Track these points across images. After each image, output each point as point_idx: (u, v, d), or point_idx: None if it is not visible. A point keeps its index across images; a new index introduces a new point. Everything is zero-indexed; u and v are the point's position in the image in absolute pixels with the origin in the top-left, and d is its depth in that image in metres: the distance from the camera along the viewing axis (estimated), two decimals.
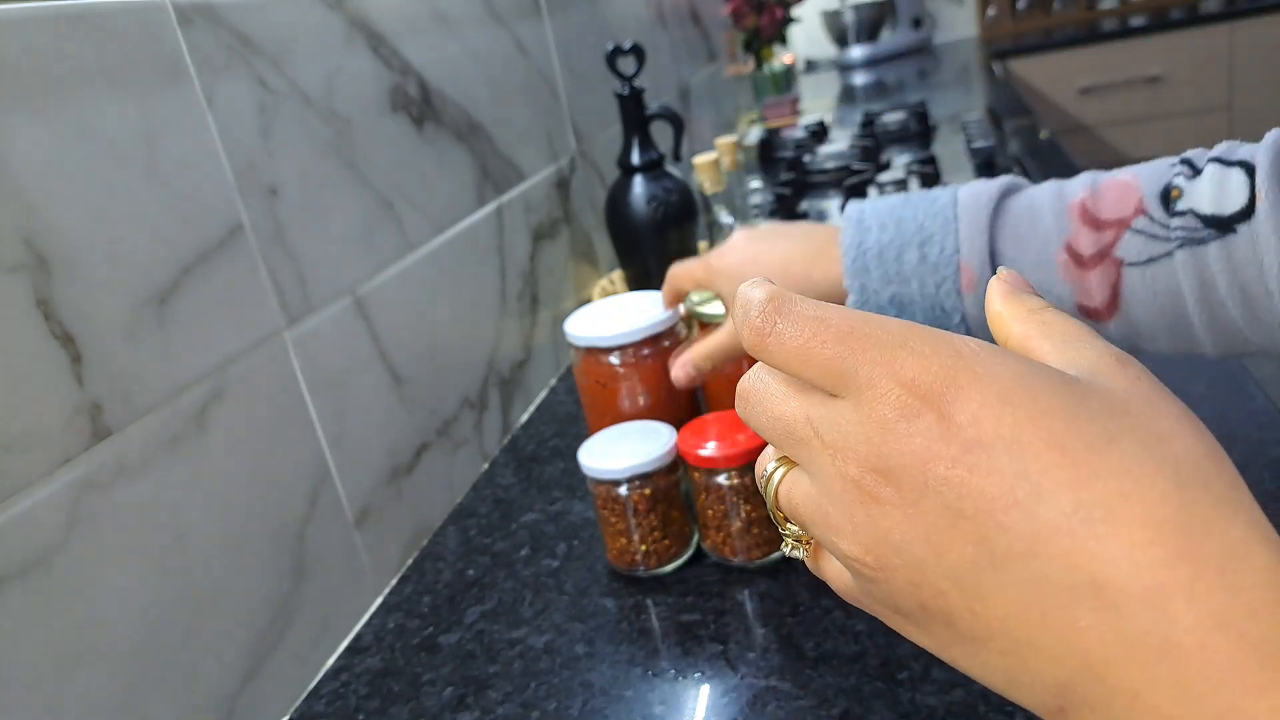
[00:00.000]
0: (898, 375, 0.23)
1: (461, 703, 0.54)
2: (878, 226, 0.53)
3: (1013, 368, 0.23)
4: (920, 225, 0.52)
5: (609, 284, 1.09)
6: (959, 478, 0.22)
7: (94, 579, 0.44)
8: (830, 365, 0.24)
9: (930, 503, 0.23)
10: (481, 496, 0.77)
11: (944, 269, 0.51)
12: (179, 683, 0.48)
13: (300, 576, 0.57)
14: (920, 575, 0.23)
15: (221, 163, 0.54)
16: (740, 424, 0.59)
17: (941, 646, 0.25)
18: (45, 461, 0.42)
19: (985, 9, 3.16)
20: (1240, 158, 0.45)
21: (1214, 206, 0.44)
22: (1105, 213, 0.48)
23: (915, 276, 0.51)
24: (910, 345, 0.24)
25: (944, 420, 0.23)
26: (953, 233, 0.51)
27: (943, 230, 0.51)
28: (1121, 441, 0.22)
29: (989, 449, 0.22)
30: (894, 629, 0.27)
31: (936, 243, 0.51)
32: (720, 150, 1.00)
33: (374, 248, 0.68)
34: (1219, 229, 0.44)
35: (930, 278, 0.51)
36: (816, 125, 1.88)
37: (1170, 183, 0.47)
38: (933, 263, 0.51)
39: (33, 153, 0.43)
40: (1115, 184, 0.48)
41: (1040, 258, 0.49)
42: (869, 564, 0.24)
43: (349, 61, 0.68)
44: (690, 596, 0.58)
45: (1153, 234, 0.46)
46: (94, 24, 0.47)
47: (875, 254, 0.52)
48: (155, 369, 0.48)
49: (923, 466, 0.23)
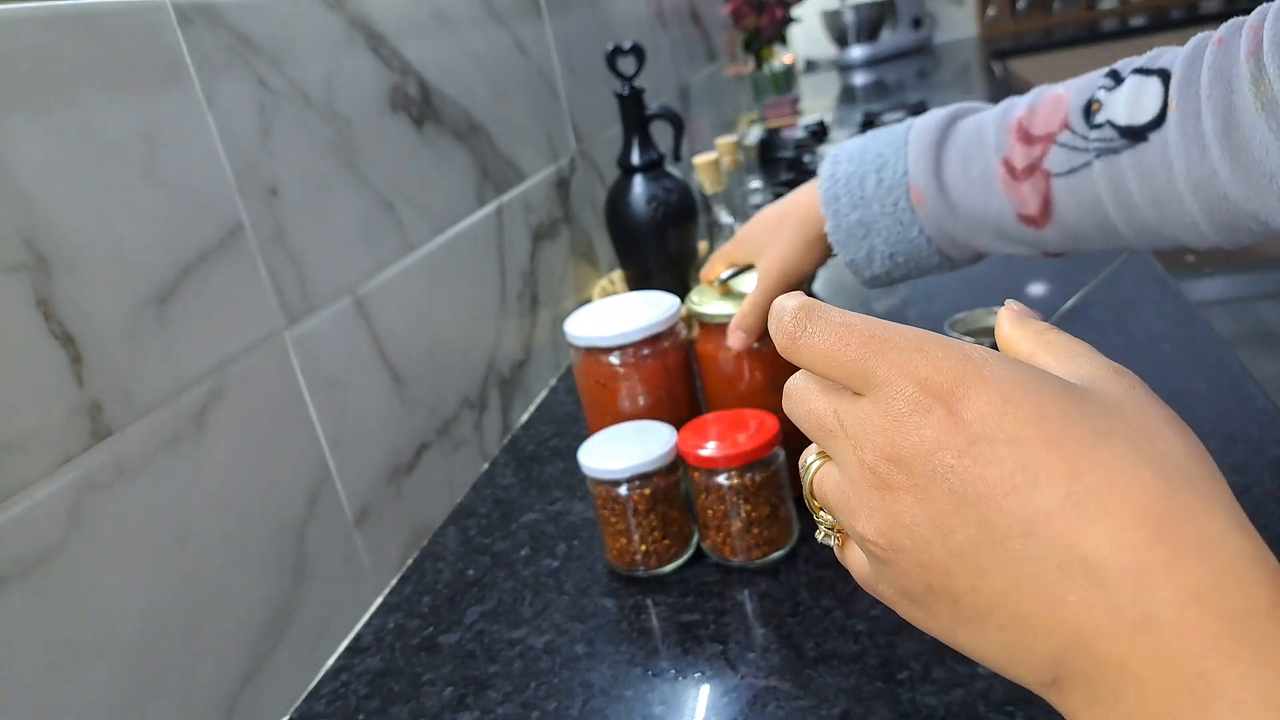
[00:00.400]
0: (913, 375, 0.26)
1: (461, 703, 0.54)
2: (846, 159, 0.60)
3: (1017, 372, 0.25)
4: (879, 154, 0.58)
5: (609, 284, 1.09)
6: (964, 466, 0.24)
7: (94, 579, 0.44)
8: (853, 366, 0.27)
9: (938, 488, 0.25)
10: (481, 496, 0.77)
11: (896, 190, 0.57)
12: (179, 683, 0.48)
13: (300, 576, 0.57)
14: (928, 555, 0.25)
15: (221, 163, 0.54)
16: (740, 424, 0.59)
17: (946, 628, 0.26)
18: (45, 461, 0.42)
19: (985, 9, 3.16)
20: (1161, 65, 0.47)
21: (1129, 117, 0.47)
22: (1037, 128, 0.52)
23: (875, 199, 0.58)
24: (925, 350, 0.26)
25: (952, 415, 0.25)
26: (903, 157, 0.57)
27: (895, 156, 0.57)
28: (1113, 439, 0.24)
29: (992, 442, 0.24)
30: (904, 617, 0.28)
31: (890, 167, 0.57)
32: (720, 150, 1.00)
33: (374, 248, 0.68)
34: (1132, 138, 0.47)
35: (887, 198, 0.57)
36: (816, 125, 1.88)
37: (1093, 96, 0.50)
38: (888, 185, 0.57)
39: (33, 153, 0.43)
40: (1049, 99, 0.52)
41: (983, 173, 0.54)
42: (882, 545, 0.26)
43: (349, 61, 0.68)
44: (690, 596, 0.58)
45: (1074, 146, 0.50)
46: (94, 24, 0.47)
47: (843, 183, 0.59)
48: (155, 369, 0.48)
49: (931, 455, 0.25)
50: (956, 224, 0.56)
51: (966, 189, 0.55)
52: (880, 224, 0.58)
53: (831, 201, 0.59)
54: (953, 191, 0.55)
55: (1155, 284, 0.86)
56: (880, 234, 0.58)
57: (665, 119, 0.99)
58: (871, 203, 0.58)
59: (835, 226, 0.59)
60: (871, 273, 0.60)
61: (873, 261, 0.59)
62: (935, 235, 0.57)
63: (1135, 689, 0.22)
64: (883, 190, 0.57)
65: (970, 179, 0.54)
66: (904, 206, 0.57)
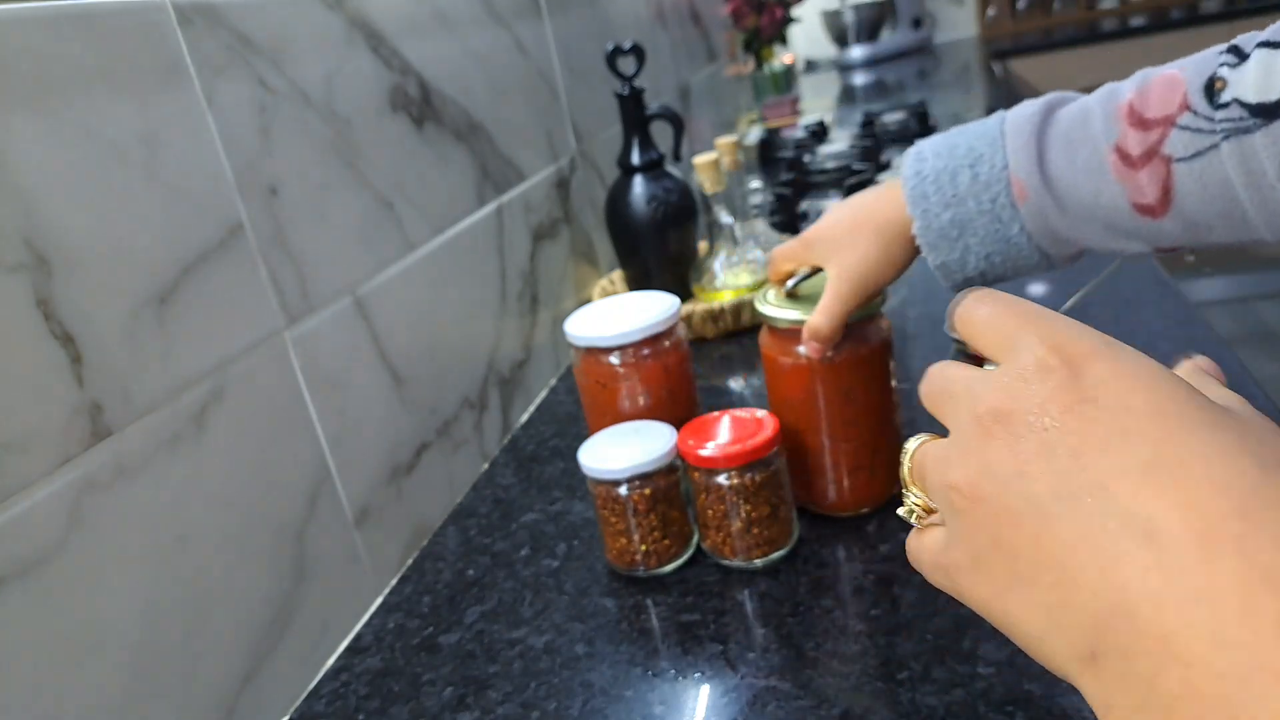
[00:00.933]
0: (1050, 339, 0.26)
1: (461, 703, 0.54)
2: (933, 155, 0.56)
3: (1151, 364, 0.25)
4: (970, 148, 0.55)
5: (609, 284, 1.09)
6: (1064, 421, 0.24)
7: (94, 579, 0.44)
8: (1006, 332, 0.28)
9: (1033, 439, 0.25)
10: (481, 496, 0.77)
11: (996, 184, 0.53)
12: (179, 683, 0.48)
13: (300, 576, 0.57)
14: (1004, 502, 0.25)
15: (221, 163, 0.54)
16: (740, 424, 0.59)
17: (998, 592, 0.26)
18: (45, 461, 0.42)
19: (985, 9, 3.16)
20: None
21: (1259, 94, 0.44)
22: (1151, 111, 0.48)
23: (970, 196, 0.54)
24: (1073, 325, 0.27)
25: (1074, 377, 0.25)
26: (1000, 149, 0.53)
27: (991, 149, 0.54)
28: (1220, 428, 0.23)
29: (1100, 405, 0.24)
30: (958, 589, 0.28)
31: (986, 161, 0.54)
32: (720, 150, 1.00)
33: (374, 248, 0.68)
34: (1264, 116, 0.44)
35: (984, 194, 0.54)
36: (816, 125, 1.88)
37: (1215, 74, 0.46)
38: (984, 180, 0.54)
39: (33, 153, 0.43)
40: (1162, 80, 0.49)
41: (1091, 160, 0.50)
42: (965, 494, 0.26)
43: (349, 61, 0.68)
44: (690, 596, 0.58)
45: (1198, 128, 0.47)
46: (94, 24, 0.47)
47: (932, 180, 0.55)
48: (155, 369, 0.48)
49: (1039, 409, 0.25)
50: (1062, 218, 0.52)
51: (1074, 180, 0.51)
52: (976, 222, 0.54)
53: (920, 200, 0.55)
54: (1059, 183, 0.52)
55: (1155, 284, 0.86)
56: (976, 233, 0.55)
57: (665, 119, 0.99)
58: (966, 200, 0.54)
59: (925, 227, 0.55)
60: (964, 275, 0.57)
61: (966, 263, 0.56)
62: (1037, 232, 0.54)
63: (1179, 668, 0.20)
64: (979, 186, 0.54)
65: (1078, 169, 0.51)
66: (1003, 202, 0.53)
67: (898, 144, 1.70)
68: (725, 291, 1.00)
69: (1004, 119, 0.55)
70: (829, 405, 0.60)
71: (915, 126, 1.73)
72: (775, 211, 1.31)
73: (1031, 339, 0.26)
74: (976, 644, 0.49)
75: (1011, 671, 0.47)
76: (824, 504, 0.63)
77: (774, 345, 0.62)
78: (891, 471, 0.62)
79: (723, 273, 1.01)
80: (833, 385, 0.59)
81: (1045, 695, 0.45)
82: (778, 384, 0.62)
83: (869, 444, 0.61)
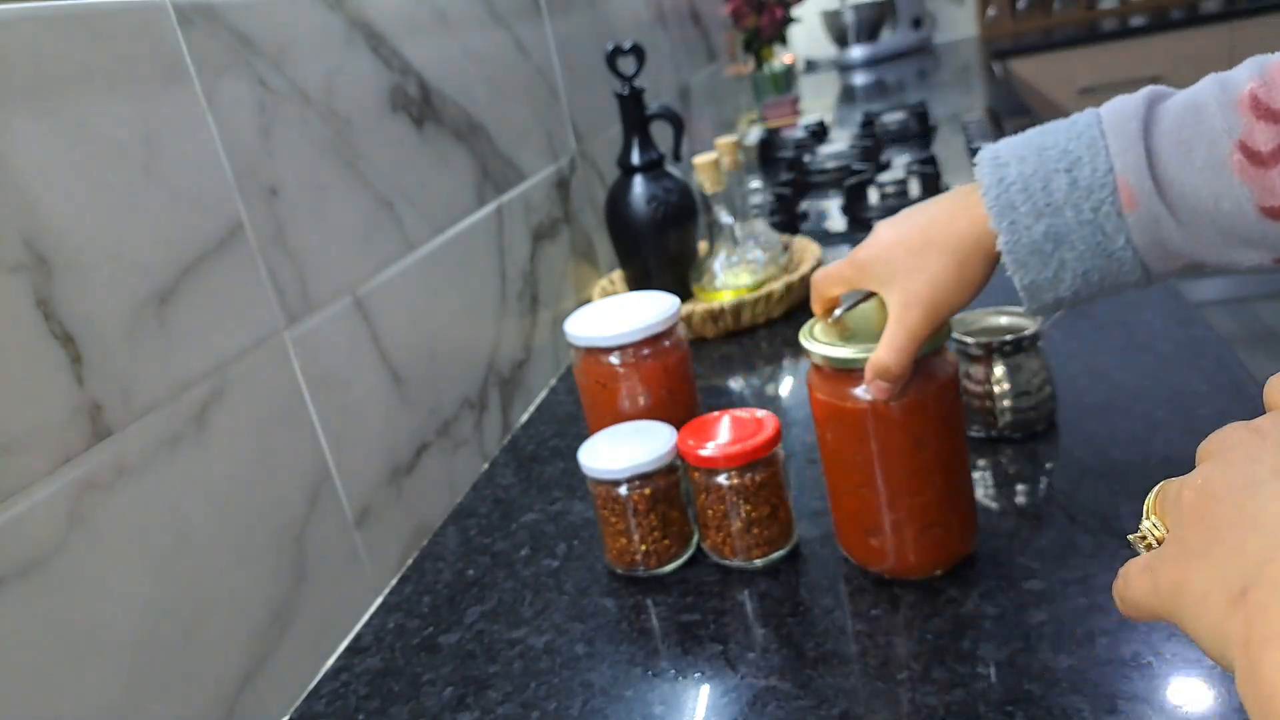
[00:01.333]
0: None
1: (461, 703, 0.54)
2: (1016, 160, 0.49)
3: None
4: (1064, 150, 0.48)
5: (609, 284, 1.09)
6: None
7: (94, 579, 0.44)
8: None
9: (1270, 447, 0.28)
10: (481, 496, 0.77)
11: (1099, 190, 0.47)
12: (179, 683, 0.48)
13: (300, 576, 0.57)
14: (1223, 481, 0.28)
15: (221, 163, 0.54)
16: (740, 424, 0.59)
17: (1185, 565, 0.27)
18: (45, 461, 0.42)
19: (985, 9, 3.16)
20: None
21: None
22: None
23: (1069, 204, 0.47)
24: None
25: None
26: (1102, 150, 0.47)
27: (1090, 150, 0.47)
28: None
29: None
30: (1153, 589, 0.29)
31: (1086, 164, 0.47)
32: (720, 150, 1.00)
33: (374, 248, 0.68)
34: None
35: (1085, 202, 0.47)
36: (816, 125, 1.88)
37: None
38: (1085, 186, 0.47)
39: (33, 153, 0.43)
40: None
41: (1210, 159, 0.44)
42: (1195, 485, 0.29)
43: (349, 61, 0.68)
44: (690, 596, 0.58)
45: None
46: (94, 24, 0.47)
47: (1020, 188, 0.48)
48: (155, 369, 0.48)
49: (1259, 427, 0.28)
50: (1176, 227, 0.46)
51: (1190, 183, 0.45)
52: (1075, 235, 0.48)
53: (1007, 211, 0.48)
54: (1173, 187, 0.45)
55: None
56: (1074, 247, 0.48)
57: (665, 119, 0.99)
58: (1063, 209, 0.47)
59: (1014, 242, 0.48)
60: (1056, 296, 0.50)
61: (1060, 282, 0.49)
62: (1144, 244, 0.47)
63: None
64: (1079, 193, 0.47)
65: (1194, 169, 0.45)
66: (1108, 211, 0.47)
67: (897, 144, 1.70)
68: (725, 291, 1.00)
69: (1099, 116, 0.48)
70: (896, 455, 0.52)
71: (915, 126, 1.73)
72: (775, 211, 1.31)
73: None
74: (976, 644, 0.49)
75: (1011, 671, 0.47)
76: (884, 566, 0.55)
77: (825, 387, 0.53)
78: (969, 527, 0.55)
79: (723, 273, 1.01)
80: (901, 432, 0.51)
81: (1045, 695, 0.45)
82: (832, 432, 0.54)
83: (943, 497, 0.53)
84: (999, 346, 0.65)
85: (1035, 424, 0.66)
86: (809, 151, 1.72)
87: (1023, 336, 0.64)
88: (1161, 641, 0.46)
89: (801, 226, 1.31)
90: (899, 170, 1.42)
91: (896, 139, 1.72)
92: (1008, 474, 0.63)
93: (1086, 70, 2.70)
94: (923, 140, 1.69)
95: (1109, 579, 0.37)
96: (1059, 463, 0.63)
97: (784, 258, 1.04)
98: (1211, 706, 0.42)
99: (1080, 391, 0.71)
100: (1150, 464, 0.61)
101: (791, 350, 0.93)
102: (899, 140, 1.71)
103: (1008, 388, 0.66)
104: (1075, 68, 2.71)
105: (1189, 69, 2.66)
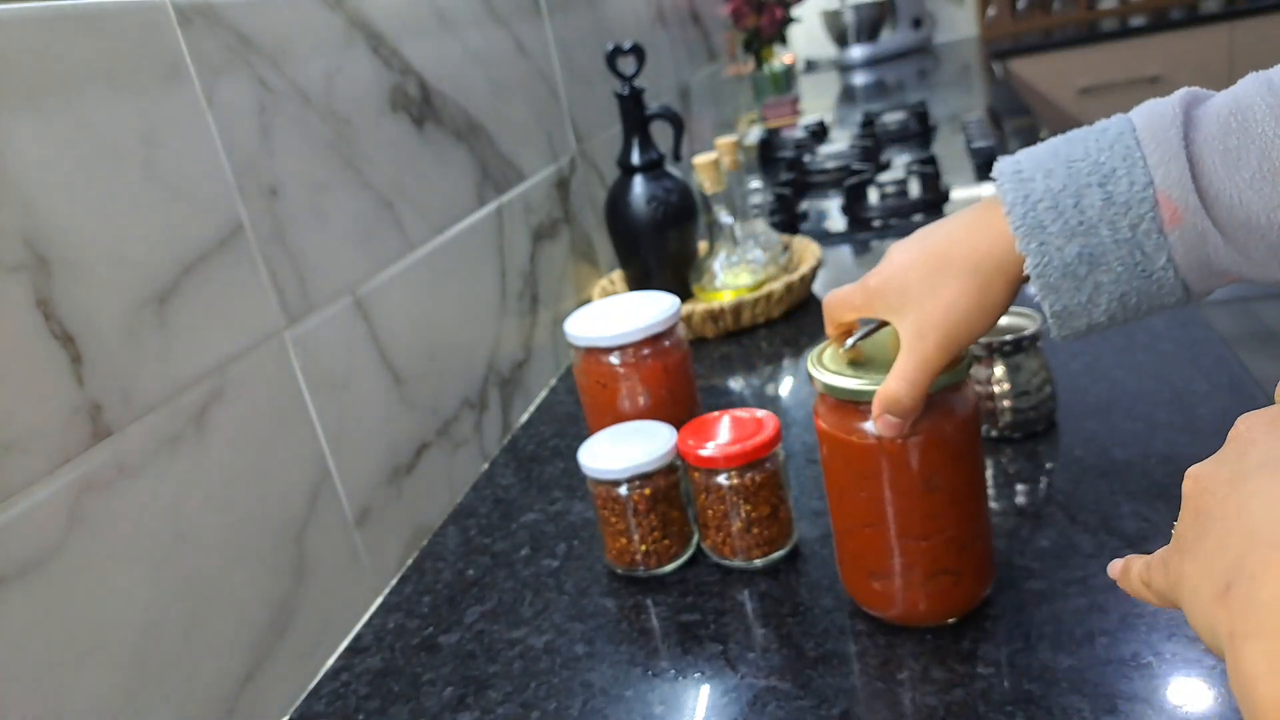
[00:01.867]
0: None
1: (461, 703, 0.54)
2: (1042, 174, 0.45)
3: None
4: (1096, 162, 0.43)
5: (609, 284, 1.09)
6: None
7: (94, 579, 0.44)
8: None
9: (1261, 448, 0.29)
10: (481, 496, 0.77)
11: (1138, 206, 0.42)
12: (179, 683, 0.48)
13: (300, 576, 0.57)
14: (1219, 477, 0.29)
15: (221, 163, 0.54)
16: (740, 424, 0.59)
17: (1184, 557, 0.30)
18: (45, 461, 0.42)
19: (985, 9, 3.16)
20: None
21: None
22: None
23: (1104, 222, 0.43)
24: None
25: None
26: (1139, 162, 0.43)
27: (1125, 162, 0.43)
28: None
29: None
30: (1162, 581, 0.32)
31: (1121, 177, 0.43)
32: (720, 150, 1.00)
33: (374, 248, 0.68)
34: None
35: (1121, 220, 0.43)
36: (816, 125, 1.88)
37: None
38: (1122, 202, 0.43)
39: (33, 153, 0.43)
40: None
41: (1261, 170, 0.40)
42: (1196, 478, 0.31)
43: (349, 61, 0.68)
44: (690, 596, 0.58)
45: None
46: (94, 24, 0.47)
47: (1048, 205, 0.44)
48: (155, 369, 0.48)
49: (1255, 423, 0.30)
50: (1222, 244, 0.42)
51: (1239, 196, 0.41)
52: (1111, 256, 0.43)
53: (1035, 231, 0.44)
54: (1219, 201, 0.41)
55: None
56: (1110, 269, 0.44)
57: (665, 119, 0.99)
58: (1098, 227, 0.43)
59: (1044, 264, 0.44)
60: (1090, 321, 0.46)
61: (1095, 306, 0.45)
62: (1187, 263, 0.43)
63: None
64: (1114, 209, 0.43)
65: (1243, 181, 0.41)
66: (1148, 228, 0.42)
67: (897, 144, 1.70)
68: (725, 291, 1.00)
69: (1132, 124, 0.44)
70: (905, 496, 0.48)
71: (915, 126, 1.73)
72: (775, 211, 1.31)
73: None
74: (976, 644, 0.49)
75: (1011, 671, 0.47)
76: (889, 612, 0.51)
77: (831, 418, 0.50)
78: (984, 573, 0.51)
79: (723, 273, 1.01)
80: (910, 471, 0.48)
81: (1045, 695, 0.45)
82: (839, 467, 0.51)
83: (955, 542, 0.49)
84: (999, 346, 0.65)
85: (1035, 424, 0.66)
86: (809, 151, 1.72)
87: (1023, 336, 0.64)
88: (1161, 642, 0.46)
89: (801, 226, 1.31)
90: (899, 170, 1.42)
91: (896, 139, 1.72)
92: (1008, 474, 0.63)
93: (1086, 70, 2.70)
94: (923, 140, 1.69)
95: (1109, 579, 0.37)
96: (1059, 463, 0.63)
97: (784, 258, 1.04)
98: (1211, 706, 0.42)
99: (1080, 391, 0.71)
100: (1150, 464, 0.61)
101: (791, 350, 0.93)
102: (899, 140, 1.71)
103: (1008, 388, 0.66)
104: (1075, 68, 2.71)
105: (1189, 69, 2.67)
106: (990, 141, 1.41)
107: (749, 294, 0.98)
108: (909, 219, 1.25)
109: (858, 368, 0.49)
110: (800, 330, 0.97)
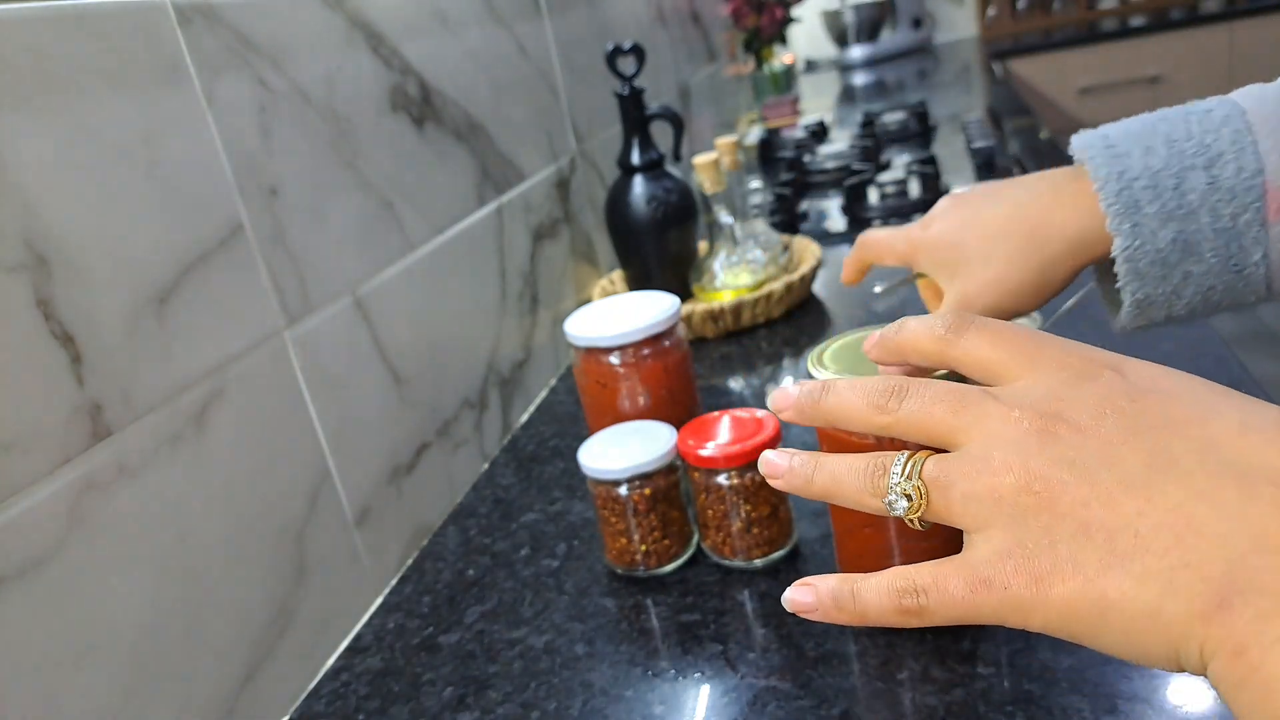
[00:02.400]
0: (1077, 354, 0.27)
1: (461, 703, 0.54)
2: (1140, 150, 0.41)
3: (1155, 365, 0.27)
4: (1201, 143, 0.40)
5: (609, 284, 1.09)
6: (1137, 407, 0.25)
7: (94, 579, 0.44)
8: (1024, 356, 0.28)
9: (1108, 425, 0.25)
10: (481, 496, 0.77)
11: (1244, 194, 0.39)
12: (179, 683, 0.48)
13: (300, 576, 0.57)
14: (1090, 488, 0.25)
15: (221, 163, 0.54)
16: (740, 424, 0.59)
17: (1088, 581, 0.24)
18: (45, 461, 0.42)
19: (985, 9, 3.16)
20: None
21: None
22: None
23: (1205, 207, 0.40)
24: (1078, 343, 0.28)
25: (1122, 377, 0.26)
26: (1249, 148, 0.39)
27: (1234, 146, 0.40)
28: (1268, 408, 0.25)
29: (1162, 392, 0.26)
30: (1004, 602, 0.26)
31: (1230, 162, 0.40)
32: (720, 150, 1.00)
33: (374, 248, 0.68)
34: None
35: (1225, 208, 0.40)
36: (816, 125, 1.88)
37: None
38: (1227, 188, 0.40)
39: (33, 152, 0.43)
40: None
41: None
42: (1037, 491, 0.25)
43: (349, 61, 0.68)
44: (690, 596, 0.58)
45: None
46: (94, 24, 0.47)
47: (1146, 184, 0.40)
48: (155, 369, 0.48)
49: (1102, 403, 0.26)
50: None
51: None
52: (1207, 245, 0.40)
53: (1130, 211, 0.40)
54: None
55: None
56: (1203, 260, 0.40)
57: (665, 119, 0.99)
58: (1199, 213, 0.40)
59: (1135, 248, 0.41)
60: (1169, 314, 0.42)
61: (1178, 299, 0.42)
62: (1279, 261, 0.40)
63: None
64: (1219, 195, 0.40)
65: None
66: (1250, 219, 0.39)
67: (897, 144, 1.70)
68: (725, 291, 1.00)
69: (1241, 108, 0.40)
70: None
71: (915, 126, 1.73)
72: (775, 211, 1.31)
73: (1053, 357, 0.27)
74: (976, 644, 0.49)
75: (1011, 671, 0.47)
76: None
77: None
78: None
79: (723, 273, 1.01)
80: None
81: (1045, 695, 0.45)
82: None
83: (955, 542, 0.48)
84: None
85: None
86: (809, 151, 1.72)
87: None
88: None
89: (801, 226, 1.31)
90: (899, 170, 1.42)
91: (896, 139, 1.72)
92: None
93: (1086, 70, 2.70)
94: (923, 140, 1.69)
95: None
96: None
97: (784, 258, 1.04)
98: (1211, 706, 0.42)
99: None
100: None
101: (791, 350, 0.93)
102: (899, 140, 1.71)
103: None
104: (1075, 68, 2.71)
105: (1189, 69, 2.67)
106: (990, 141, 1.41)
107: (749, 294, 0.98)
108: (909, 219, 1.25)
109: (861, 370, 0.49)
110: (800, 330, 0.97)
